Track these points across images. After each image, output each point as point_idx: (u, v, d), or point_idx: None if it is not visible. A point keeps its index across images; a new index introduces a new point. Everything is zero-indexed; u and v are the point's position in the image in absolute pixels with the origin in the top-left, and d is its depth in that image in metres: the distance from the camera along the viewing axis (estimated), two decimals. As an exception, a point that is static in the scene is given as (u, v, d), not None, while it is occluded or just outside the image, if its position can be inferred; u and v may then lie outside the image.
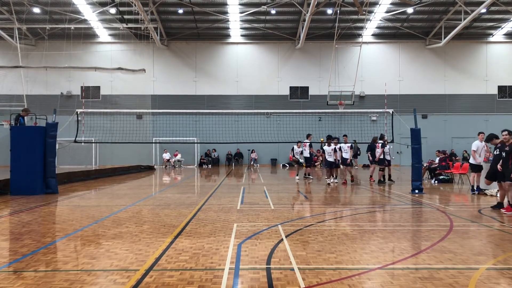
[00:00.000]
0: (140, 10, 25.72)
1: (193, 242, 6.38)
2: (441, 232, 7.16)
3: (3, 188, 12.94)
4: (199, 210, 9.70)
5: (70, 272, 4.91)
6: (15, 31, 27.88)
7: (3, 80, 29.75)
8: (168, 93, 33.25)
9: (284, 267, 5.08)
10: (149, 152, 31.77)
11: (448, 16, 30.19)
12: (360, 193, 13.89)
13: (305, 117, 29.86)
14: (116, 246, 6.14)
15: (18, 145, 12.94)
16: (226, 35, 33.92)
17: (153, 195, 13.10)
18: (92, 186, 16.22)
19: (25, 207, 10.26)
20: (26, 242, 6.39)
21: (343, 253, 5.74)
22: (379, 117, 32.65)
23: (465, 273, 4.86)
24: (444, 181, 17.21)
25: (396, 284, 4.49)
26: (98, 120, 25.05)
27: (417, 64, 33.88)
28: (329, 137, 16.48)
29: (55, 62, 30.74)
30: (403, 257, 5.57)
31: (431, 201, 11.40)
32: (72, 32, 29.28)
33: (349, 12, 28.82)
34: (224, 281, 4.60)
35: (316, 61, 33.86)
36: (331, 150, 15.77)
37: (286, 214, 9.11)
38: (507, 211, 9.25)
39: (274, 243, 6.29)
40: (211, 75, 33.81)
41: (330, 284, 4.47)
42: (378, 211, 9.76)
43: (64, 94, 32.93)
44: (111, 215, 9.01)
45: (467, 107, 33.65)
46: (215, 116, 30.63)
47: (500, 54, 33.99)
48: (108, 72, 31.71)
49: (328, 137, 16.42)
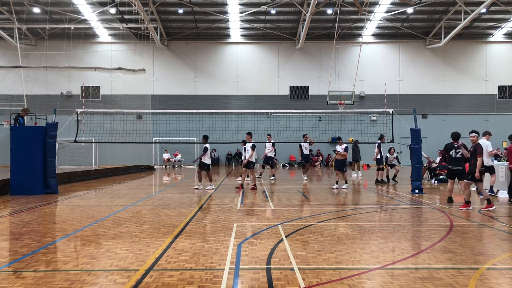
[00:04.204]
0: (140, 10, 25.71)
1: (193, 242, 6.38)
2: (441, 232, 7.16)
3: (3, 188, 12.94)
4: (199, 210, 9.71)
5: (70, 272, 4.91)
6: (15, 31, 27.86)
7: (3, 80, 29.73)
8: (168, 93, 33.25)
9: (284, 267, 5.08)
10: (149, 152, 31.77)
11: (448, 16, 30.19)
12: (360, 193, 13.89)
13: (305, 117, 29.84)
14: (116, 246, 6.14)
15: (18, 145, 12.94)
16: (226, 35, 33.92)
17: (153, 195, 13.09)
18: (92, 186, 16.21)
19: (25, 207, 10.26)
20: (26, 242, 6.39)
21: (343, 253, 5.74)
22: (379, 117, 32.63)
23: (465, 273, 4.86)
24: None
25: (396, 284, 4.49)
26: (98, 120, 25.03)
27: (417, 64, 33.88)
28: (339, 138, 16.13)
29: (55, 62, 30.73)
30: (403, 257, 5.57)
31: (431, 201, 11.40)
32: (72, 32, 29.26)
33: (349, 12, 28.82)
34: (224, 281, 4.60)
35: (316, 61, 33.86)
36: (341, 150, 15.22)
37: (286, 214, 9.11)
38: (462, 208, 9.75)
39: (274, 243, 6.29)
40: (211, 75, 33.81)
41: (330, 284, 4.47)
42: (378, 211, 9.76)
43: (64, 94, 32.93)
44: (111, 215, 9.01)
45: (467, 107, 33.65)
46: (215, 116, 30.62)
47: (500, 54, 33.99)
48: (108, 72, 31.68)
49: (338, 138, 16.10)
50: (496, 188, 12.74)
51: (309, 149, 18.77)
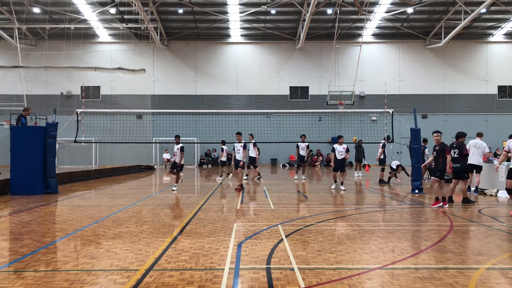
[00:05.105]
0: (140, 10, 25.72)
1: (193, 242, 6.38)
2: (441, 232, 7.16)
3: (3, 188, 12.94)
4: (199, 210, 9.70)
5: (70, 272, 4.91)
6: (15, 31, 27.87)
7: (3, 80, 29.73)
8: (168, 93, 33.26)
9: (284, 267, 5.08)
10: (149, 152, 31.78)
11: (448, 16, 30.19)
12: (360, 193, 13.89)
13: (305, 117, 29.87)
14: (116, 246, 6.14)
15: (18, 145, 12.94)
16: (226, 35, 33.93)
17: (153, 195, 13.09)
18: (92, 186, 16.21)
19: (25, 207, 10.26)
20: (26, 242, 6.39)
21: (343, 253, 5.74)
22: (379, 117, 32.64)
23: (465, 273, 4.86)
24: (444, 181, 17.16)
25: (396, 284, 4.49)
26: (98, 120, 25.05)
27: (417, 64, 33.89)
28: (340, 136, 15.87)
29: (55, 62, 30.74)
30: (403, 257, 5.57)
31: (431, 201, 11.39)
32: (72, 32, 29.27)
33: (349, 12, 28.83)
34: (224, 281, 4.60)
35: (316, 61, 33.87)
36: (343, 149, 15.01)
37: (286, 214, 9.11)
38: (433, 205, 10.01)
39: (274, 243, 6.29)
40: (211, 75, 33.82)
41: (330, 284, 4.47)
42: (378, 211, 9.76)
43: (64, 94, 32.95)
44: (111, 215, 9.01)
45: (467, 107, 33.66)
46: (215, 116, 30.63)
47: (500, 54, 34.00)
48: (108, 72, 31.70)
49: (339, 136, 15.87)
50: (496, 188, 12.76)
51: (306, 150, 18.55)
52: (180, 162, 14.21)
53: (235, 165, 14.21)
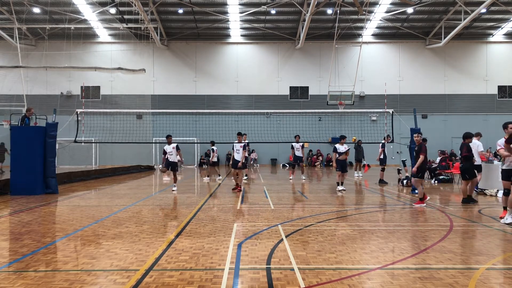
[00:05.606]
0: (140, 10, 25.72)
1: (193, 242, 6.38)
2: (441, 232, 7.16)
3: (3, 188, 12.94)
4: (199, 210, 9.70)
5: (70, 272, 4.91)
6: (15, 31, 27.86)
7: (3, 80, 29.72)
8: (168, 93, 33.27)
9: (284, 267, 5.08)
10: (149, 152, 31.76)
11: (448, 16, 30.19)
12: (360, 193, 13.89)
13: (305, 117, 29.87)
14: (116, 246, 6.14)
15: (18, 145, 12.94)
16: (226, 35, 33.92)
17: (153, 195, 13.09)
18: (92, 186, 16.21)
19: (25, 207, 10.26)
20: (26, 242, 6.39)
21: (343, 253, 5.74)
22: (379, 117, 32.64)
23: (465, 273, 4.86)
24: (444, 181, 17.21)
25: (396, 284, 4.49)
26: (98, 120, 25.05)
27: (417, 64, 33.89)
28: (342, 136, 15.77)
29: (55, 62, 30.74)
30: (403, 257, 5.57)
31: (431, 201, 11.40)
32: (72, 32, 29.27)
33: (349, 12, 28.83)
34: (224, 281, 4.60)
35: (316, 61, 33.87)
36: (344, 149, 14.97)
37: (286, 214, 9.11)
38: (416, 204, 10.36)
39: (274, 243, 6.29)
40: (211, 75, 33.82)
41: (330, 284, 4.47)
42: (378, 211, 9.76)
43: (64, 94, 32.94)
44: (111, 215, 9.01)
45: (467, 107, 33.66)
46: (215, 116, 30.64)
47: (500, 54, 34.00)
48: (108, 72, 31.69)
49: (341, 136, 15.78)
50: (496, 188, 12.76)
51: (301, 150, 18.47)
52: (181, 160, 14.21)
53: (232, 164, 14.17)
